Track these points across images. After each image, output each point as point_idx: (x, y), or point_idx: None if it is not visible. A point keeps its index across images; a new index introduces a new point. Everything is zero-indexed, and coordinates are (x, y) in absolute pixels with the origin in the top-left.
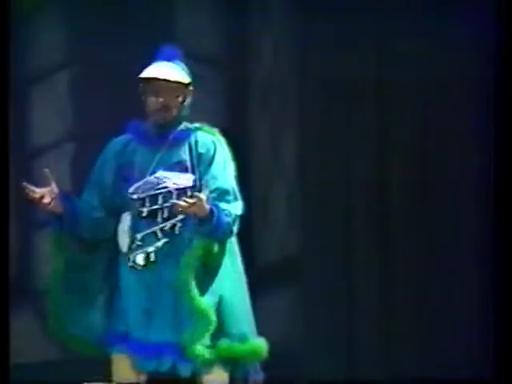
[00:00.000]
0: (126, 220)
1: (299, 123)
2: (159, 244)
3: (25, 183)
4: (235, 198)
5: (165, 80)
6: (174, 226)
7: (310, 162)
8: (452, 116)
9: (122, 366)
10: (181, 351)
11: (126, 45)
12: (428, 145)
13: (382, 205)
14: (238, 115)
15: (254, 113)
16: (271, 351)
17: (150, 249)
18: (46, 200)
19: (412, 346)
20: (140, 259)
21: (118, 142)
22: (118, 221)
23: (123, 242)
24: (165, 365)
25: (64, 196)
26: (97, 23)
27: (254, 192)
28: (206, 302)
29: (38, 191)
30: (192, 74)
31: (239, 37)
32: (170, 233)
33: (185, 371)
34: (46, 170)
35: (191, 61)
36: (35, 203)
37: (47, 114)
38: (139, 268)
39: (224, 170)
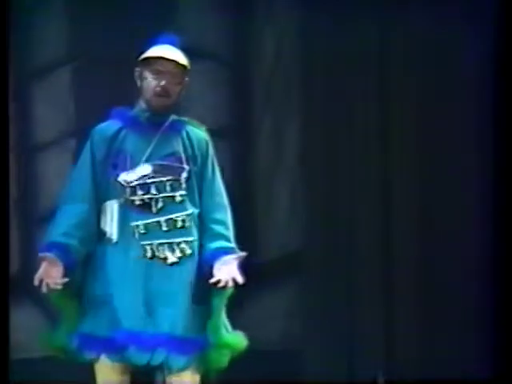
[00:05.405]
0: (111, 208)
1: (302, 120)
2: (177, 239)
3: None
4: (226, 211)
5: (172, 61)
6: (178, 217)
7: (313, 158)
8: (452, 116)
9: (107, 371)
10: (177, 345)
11: (127, 40)
12: (429, 144)
13: (384, 202)
14: (240, 112)
15: (256, 110)
16: (271, 348)
17: (177, 241)
18: (51, 280)
19: (412, 346)
20: (169, 253)
21: (106, 129)
22: (99, 209)
23: (111, 230)
24: (158, 358)
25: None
26: (98, 18)
27: (256, 188)
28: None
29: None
30: (194, 68)
31: (242, 32)
32: (179, 224)
33: (177, 365)
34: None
35: (193, 55)
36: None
37: (48, 110)
38: (172, 261)
39: (217, 174)
